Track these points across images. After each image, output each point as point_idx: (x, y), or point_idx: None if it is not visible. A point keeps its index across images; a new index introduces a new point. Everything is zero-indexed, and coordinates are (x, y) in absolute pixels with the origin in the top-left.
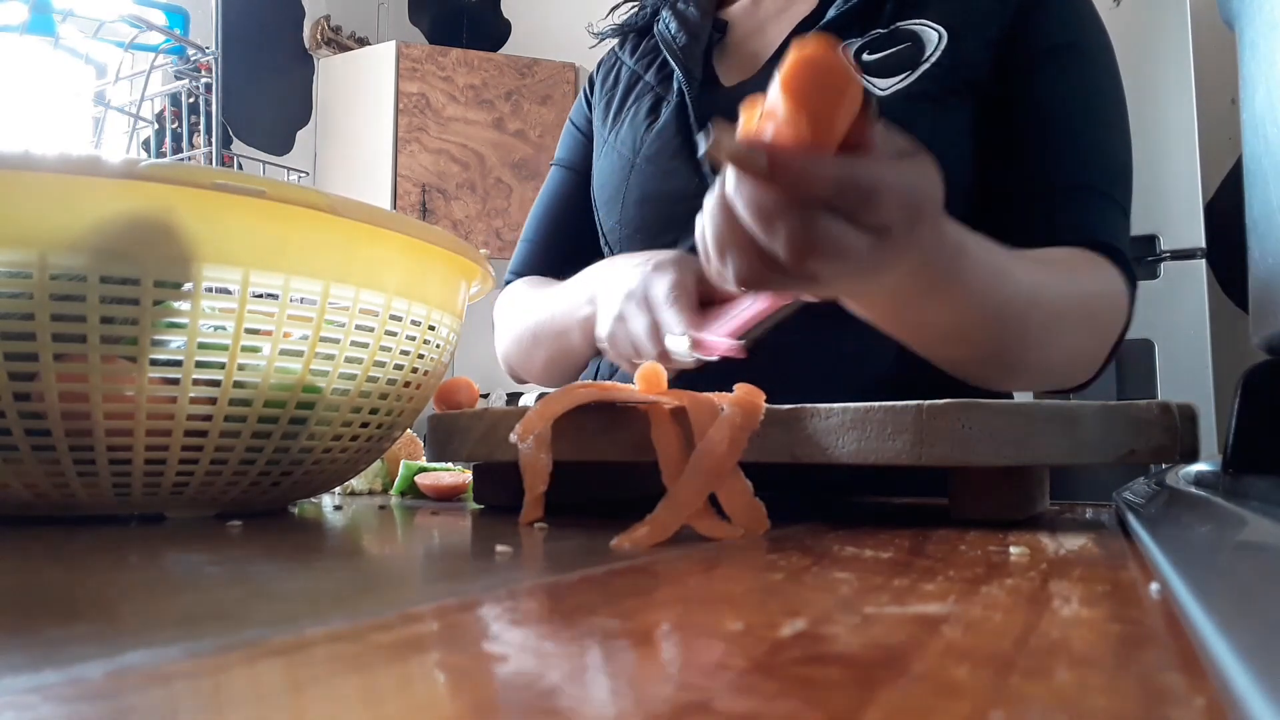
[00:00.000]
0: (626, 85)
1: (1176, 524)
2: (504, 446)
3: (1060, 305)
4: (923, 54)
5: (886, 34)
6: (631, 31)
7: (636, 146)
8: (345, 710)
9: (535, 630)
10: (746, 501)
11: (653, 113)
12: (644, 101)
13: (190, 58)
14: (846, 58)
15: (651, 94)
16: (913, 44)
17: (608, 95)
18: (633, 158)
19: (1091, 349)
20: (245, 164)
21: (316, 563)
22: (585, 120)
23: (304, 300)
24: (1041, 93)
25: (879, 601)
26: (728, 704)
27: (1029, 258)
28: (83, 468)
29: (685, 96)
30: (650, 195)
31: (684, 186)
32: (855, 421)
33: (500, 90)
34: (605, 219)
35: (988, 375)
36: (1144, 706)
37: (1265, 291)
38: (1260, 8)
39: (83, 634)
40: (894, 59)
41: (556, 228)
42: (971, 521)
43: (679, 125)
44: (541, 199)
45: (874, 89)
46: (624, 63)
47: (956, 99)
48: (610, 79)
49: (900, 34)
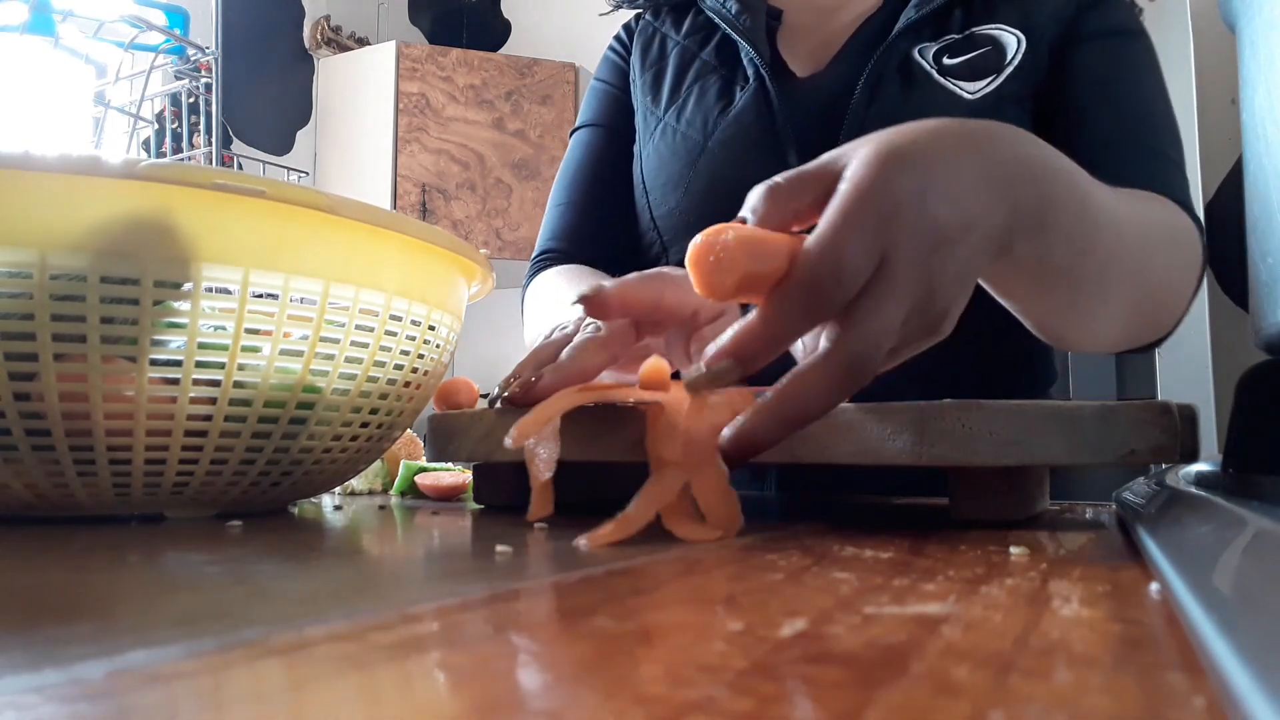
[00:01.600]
0: (680, 62)
1: (1176, 524)
2: (504, 447)
3: (1164, 228)
4: (1005, 58)
5: (962, 39)
6: (664, 4)
7: (708, 130)
8: (345, 710)
9: (535, 630)
10: (721, 493)
11: (724, 95)
12: (710, 82)
13: (190, 58)
14: (733, 231)
15: (716, 75)
16: (992, 48)
17: (654, 69)
18: (703, 142)
19: (1182, 274)
20: (245, 164)
21: (316, 563)
22: (622, 77)
23: (304, 300)
24: (1100, 66)
25: (879, 601)
26: (728, 704)
27: (1128, 193)
28: (83, 468)
29: (766, 82)
30: (722, 183)
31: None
32: (855, 421)
33: (500, 90)
34: (658, 204)
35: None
36: (1144, 706)
37: (1265, 291)
38: (1260, 8)
39: (83, 634)
40: (976, 62)
41: (594, 189)
42: (971, 521)
43: (758, 112)
44: (572, 161)
45: (963, 92)
46: (669, 37)
47: (1033, 102)
48: (653, 52)
49: (978, 39)
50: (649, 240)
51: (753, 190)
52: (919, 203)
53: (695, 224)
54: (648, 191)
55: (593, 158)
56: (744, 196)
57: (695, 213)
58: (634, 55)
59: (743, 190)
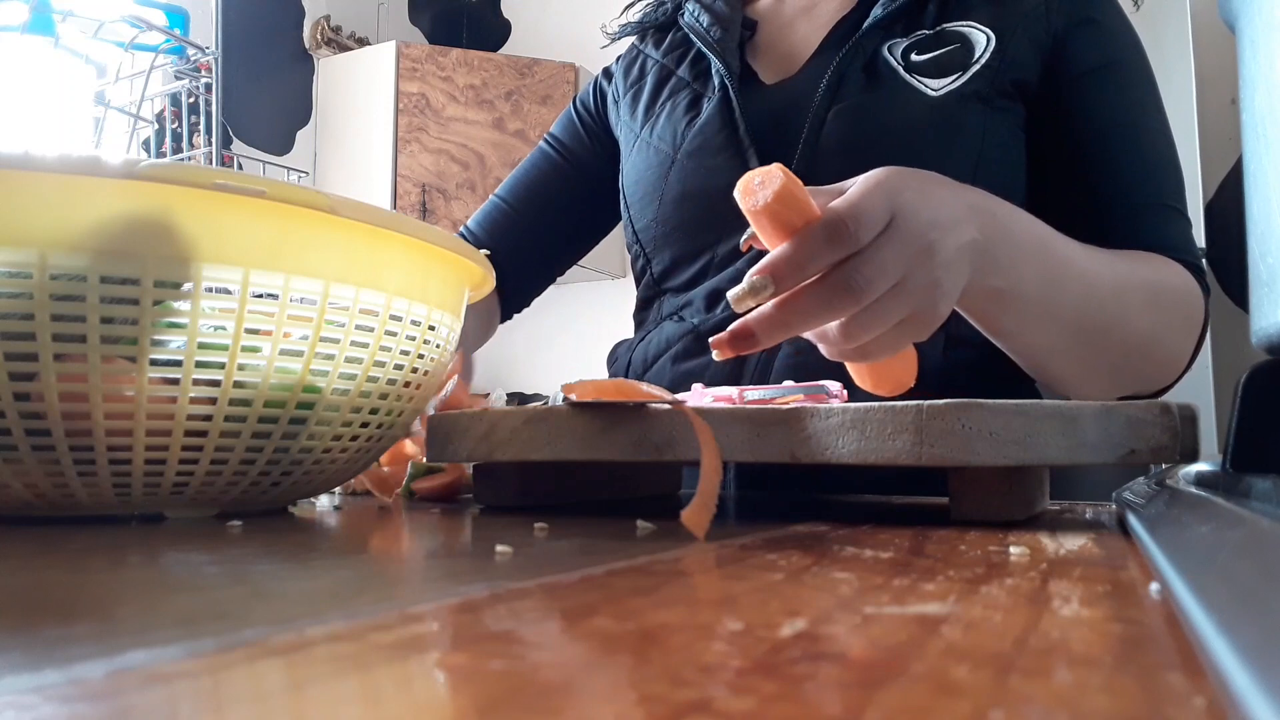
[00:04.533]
0: (657, 80)
1: (1176, 524)
2: (504, 446)
3: (1146, 286)
4: (972, 55)
5: (933, 35)
6: (652, 28)
7: (677, 142)
8: (345, 710)
9: (535, 630)
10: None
11: (693, 108)
12: (681, 97)
13: (190, 58)
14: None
15: (688, 89)
16: (961, 45)
17: (633, 89)
18: (673, 154)
19: (1181, 334)
20: (245, 164)
21: (316, 563)
22: (590, 116)
23: (304, 300)
24: (1101, 109)
25: (879, 601)
26: (728, 704)
27: (1105, 251)
28: (83, 468)
29: (729, 91)
30: (692, 192)
31: (728, 184)
32: (855, 421)
33: (500, 90)
34: (638, 217)
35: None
36: (1144, 706)
37: (1265, 292)
38: (1260, 8)
39: (83, 634)
40: (944, 59)
41: (533, 199)
42: (971, 521)
43: (723, 121)
44: (526, 165)
45: (926, 90)
46: (649, 56)
47: (1006, 100)
48: (634, 72)
49: (947, 35)
50: (634, 253)
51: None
52: (919, 187)
53: (671, 234)
54: (629, 206)
55: (540, 174)
56: (712, 204)
57: (670, 223)
58: (618, 78)
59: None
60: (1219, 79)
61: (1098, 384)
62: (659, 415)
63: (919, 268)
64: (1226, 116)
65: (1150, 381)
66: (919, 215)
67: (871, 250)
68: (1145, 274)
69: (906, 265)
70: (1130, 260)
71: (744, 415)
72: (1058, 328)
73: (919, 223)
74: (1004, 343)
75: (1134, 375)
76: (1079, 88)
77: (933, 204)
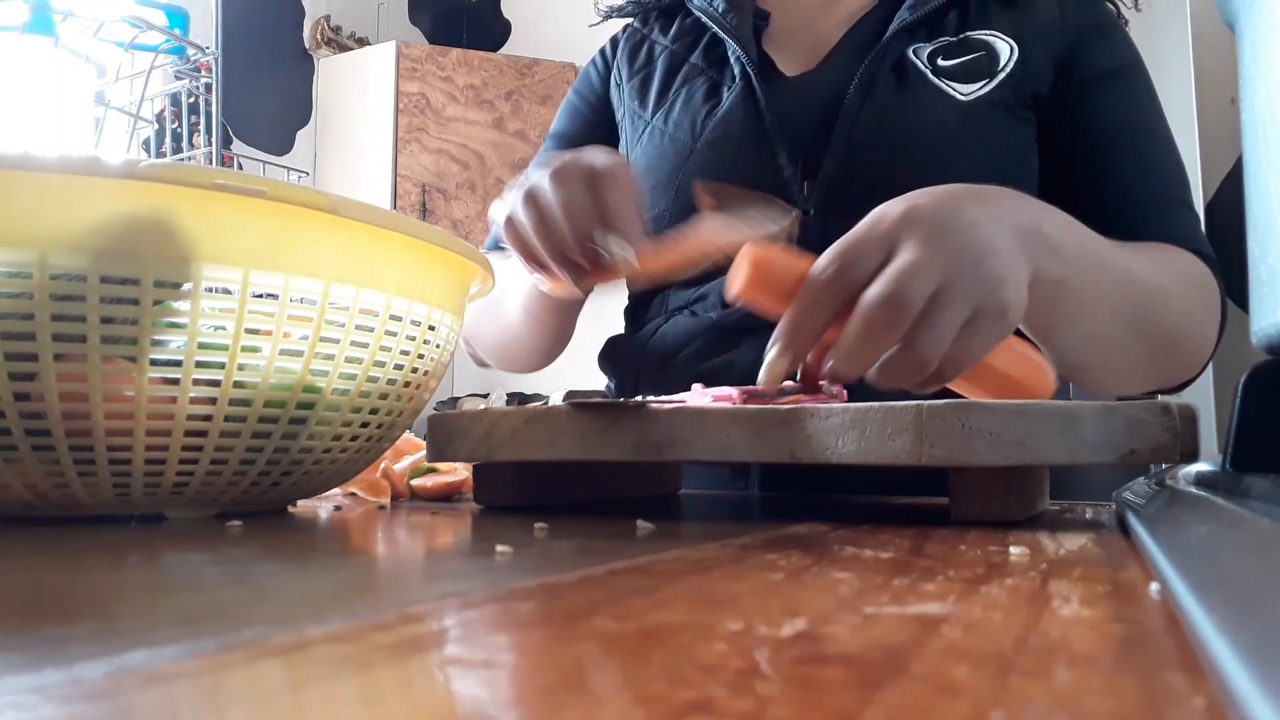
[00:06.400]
0: (668, 66)
1: (1176, 524)
2: (504, 446)
3: (1175, 273)
4: (998, 64)
5: (957, 42)
6: (653, 10)
7: (696, 131)
8: (345, 710)
9: (535, 630)
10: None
11: (712, 96)
12: (697, 84)
13: (190, 58)
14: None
15: (703, 77)
16: (986, 53)
17: (641, 74)
18: (691, 142)
19: (1208, 322)
20: (245, 164)
21: (316, 563)
22: (596, 96)
23: (304, 300)
24: (1111, 111)
25: (879, 601)
26: (728, 704)
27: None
28: (83, 468)
29: (752, 81)
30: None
31: (750, 173)
32: (855, 421)
33: (500, 90)
34: (649, 206)
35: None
36: (1144, 706)
37: (1265, 292)
38: (1260, 8)
39: (83, 634)
40: (970, 66)
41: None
42: (971, 521)
43: (746, 111)
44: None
45: (956, 94)
46: (657, 41)
47: (1026, 111)
48: (641, 57)
49: (972, 43)
50: None
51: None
52: (922, 194)
53: (685, 225)
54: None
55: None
56: None
57: (686, 213)
58: (620, 62)
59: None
60: (1219, 79)
61: (1137, 375)
62: (659, 415)
63: (961, 264)
64: (1226, 116)
65: (1184, 369)
66: (934, 215)
67: (895, 261)
68: (1172, 262)
69: (944, 264)
70: (1153, 250)
71: (744, 415)
72: (1108, 315)
73: (937, 221)
74: (1059, 335)
75: (1172, 363)
76: (1089, 91)
77: (950, 203)
